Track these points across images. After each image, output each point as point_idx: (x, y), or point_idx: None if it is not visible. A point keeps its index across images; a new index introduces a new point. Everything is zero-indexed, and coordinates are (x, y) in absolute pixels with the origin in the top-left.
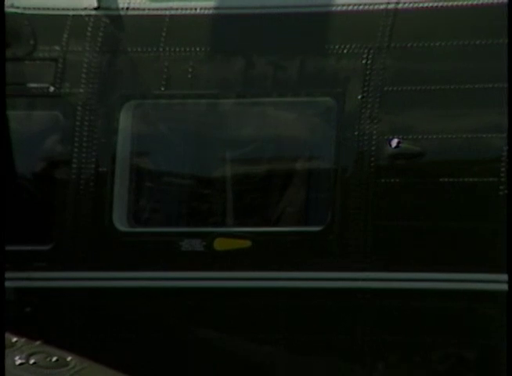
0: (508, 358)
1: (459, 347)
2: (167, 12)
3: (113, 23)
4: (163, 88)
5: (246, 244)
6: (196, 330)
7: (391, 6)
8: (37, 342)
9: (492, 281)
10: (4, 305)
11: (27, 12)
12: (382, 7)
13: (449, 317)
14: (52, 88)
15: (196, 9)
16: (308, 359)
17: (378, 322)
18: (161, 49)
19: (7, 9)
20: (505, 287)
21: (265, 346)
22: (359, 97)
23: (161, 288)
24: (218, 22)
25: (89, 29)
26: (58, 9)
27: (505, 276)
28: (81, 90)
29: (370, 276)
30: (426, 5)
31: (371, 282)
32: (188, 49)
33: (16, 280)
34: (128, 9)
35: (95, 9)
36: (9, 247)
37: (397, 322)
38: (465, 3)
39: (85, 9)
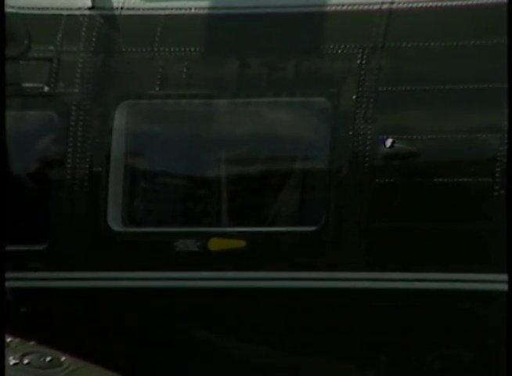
0: (508, 358)
1: (456, 347)
2: (162, 12)
3: (108, 22)
4: (157, 88)
5: (241, 244)
6: (190, 330)
7: (385, 6)
8: (32, 342)
9: (489, 281)
10: (4, 305)
11: (22, 11)
12: (376, 7)
13: (445, 317)
14: (46, 88)
15: (190, 9)
16: (305, 359)
17: (373, 322)
18: (156, 49)
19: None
20: (502, 286)
21: (259, 346)
22: (354, 97)
23: (156, 288)
24: (213, 22)
25: (84, 29)
26: (52, 9)
27: (502, 276)
28: (76, 90)
29: (365, 276)
30: (420, 5)
31: (366, 282)
32: (183, 49)
33: (10, 280)
34: (122, 8)
35: (90, 8)
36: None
37: (392, 322)
38: (460, 3)
39: (80, 8)
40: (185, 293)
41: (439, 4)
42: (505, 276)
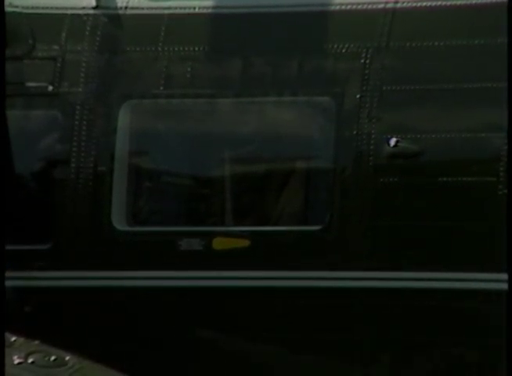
0: (508, 358)
1: (458, 346)
2: (166, 12)
3: (112, 22)
4: (162, 88)
5: (245, 243)
6: (194, 329)
7: (389, 5)
8: (36, 341)
9: (491, 280)
10: (4, 305)
11: (26, 11)
12: (380, 6)
13: (449, 316)
14: (50, 88)
15: (194, 9)
16: (307, 358)
17: (376, 321)
18: (160, 49)
19: (5, 8)
20: (504, 286)
21: (263, 346)
22: (358, 97)
23: (160, 287)
24: (217, 21)
25: (88, 28)
26: (56, 8)
27: (504, 276)
28: (80, 89)
29: (369, 276)
30: (424, 4)
31: (369, 281)
32: (187, 49)
33: (14, 279)
34: (126, 8)
35: (94, 8)
36: (8, 247)
37: (395, 321)
38: (463, 3)
39: (84, 8)
40: (189, 292)
41: (443, 3)
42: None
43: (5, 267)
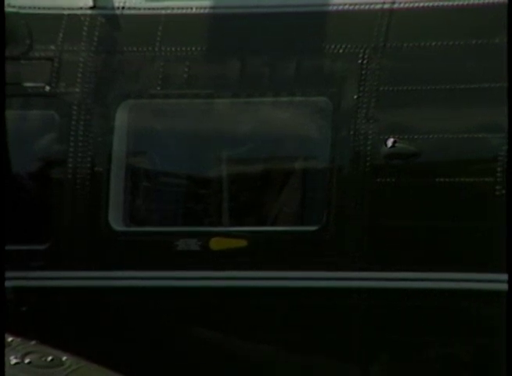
0: (508, 358)
1: (457, 347)
2: (163, 12)
3: (109, 22)
4: (159, 88)
5: (242, 243)
6: (192, 329)
7: (386, 6)
8: (33, 342)
9: (489, 281)
10: (4, 305)
11: (23, 11)
12: (378, 7)
13: (446, 317)
14: (47, 88)
15: (191, 9)
16: (305, 358)
17: (374, 321)
18: (157, 49)
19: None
20: (503, 286)
21: (261, 346)
22: (355, 97)
23: (157, 288)
24: (214, 21)
25: (85, 28)
26: (54, 9)
27: (502, 276)
28: (77, 89)
29: (366, 276)
30: (421, 4)
31: (367, 281)
32: (184, 49)
33: (12, 279)
34: (123, 8)
35: (91, 8)
36: (5, 247)
37: (393, 322)
38: (461, 3)
39: (81, 8)
40: (187, 292)
41: (440, 4)
42: (505, 276)
43: (5, 267)
